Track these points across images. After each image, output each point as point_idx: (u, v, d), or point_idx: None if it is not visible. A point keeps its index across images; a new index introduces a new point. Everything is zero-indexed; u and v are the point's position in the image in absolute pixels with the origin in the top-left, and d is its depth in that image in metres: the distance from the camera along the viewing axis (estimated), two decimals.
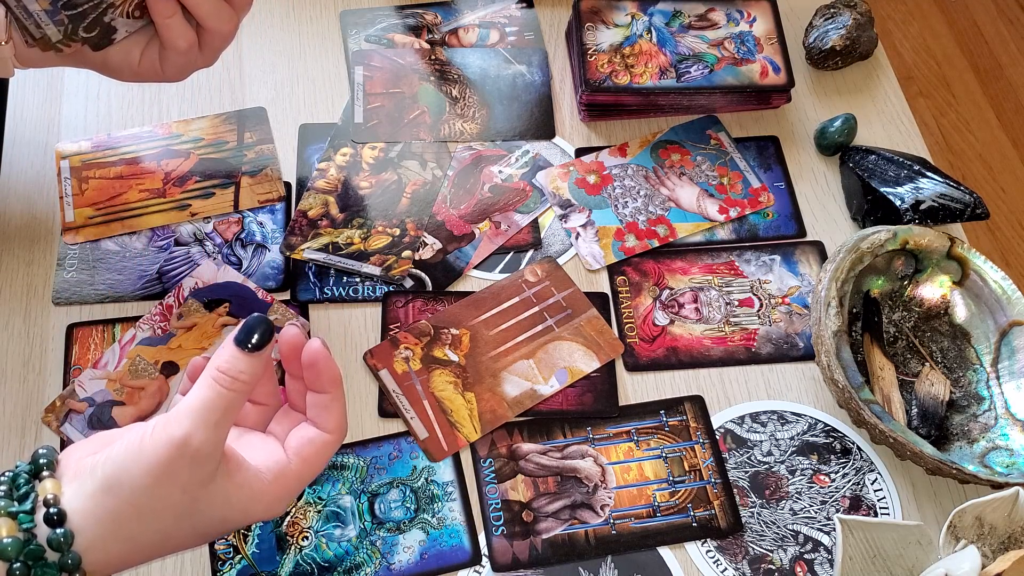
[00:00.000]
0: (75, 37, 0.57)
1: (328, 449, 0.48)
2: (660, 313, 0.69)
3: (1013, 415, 0.63)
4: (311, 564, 0.58)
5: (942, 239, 0.67)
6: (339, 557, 0.58)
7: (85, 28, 0.57)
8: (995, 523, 0.56)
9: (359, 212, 0.71)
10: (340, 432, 0.48)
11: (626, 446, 0.63)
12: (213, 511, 0.44)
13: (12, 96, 0.76)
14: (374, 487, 0.61)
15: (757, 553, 0.60)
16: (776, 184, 0.75)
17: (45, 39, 0.56)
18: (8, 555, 0.40)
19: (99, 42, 0.58)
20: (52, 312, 0.66)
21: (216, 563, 0.58)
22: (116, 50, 0.60)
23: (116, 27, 0.58)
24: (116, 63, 0.61)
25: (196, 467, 0.42)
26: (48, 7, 0.54)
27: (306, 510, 0.60)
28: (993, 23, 1.96)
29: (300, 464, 0.47)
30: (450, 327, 0.66)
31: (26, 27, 0.55)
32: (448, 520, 0.60)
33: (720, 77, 0.75)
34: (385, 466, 0.61)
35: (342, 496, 0.60)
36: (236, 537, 0.59)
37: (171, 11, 0.57)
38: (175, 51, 0.59)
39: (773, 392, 0.66)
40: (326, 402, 0.48)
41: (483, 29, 0.81)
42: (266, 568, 0.58)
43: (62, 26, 0.56)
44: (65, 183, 0.71)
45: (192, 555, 0.58)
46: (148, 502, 0.42)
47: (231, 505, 0.44)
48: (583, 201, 0.73)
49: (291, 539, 0.59)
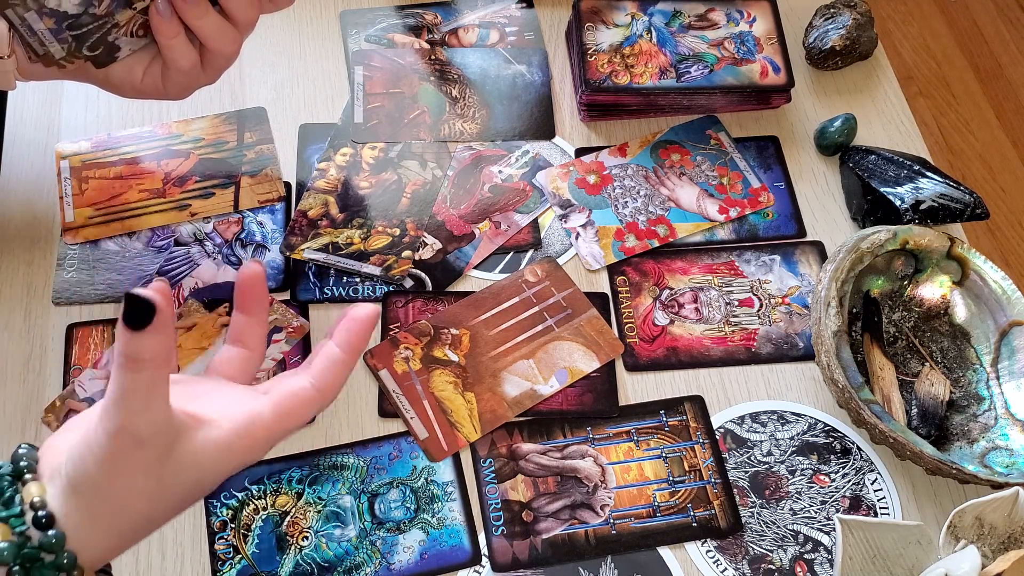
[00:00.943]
0: (78, 55, 0.57)
1: (306, 402, 0.46)
2: (660, 313, 0.69)
3: (1013, 415, 0.63)
4: (311, 564, 0.58)
5: (942, 239, 0.67)
6: (339, 557, 0.58)
7: (89, 47, 0.57)
8: (995, 523, 0.56)
9: (359, 212, 0.71)
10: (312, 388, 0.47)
11: (626, 446, 0.63)
12: (186, 476, 0.43)
13: (12, 96, 0.76)
14: (374, 487, 0.61)
15: (757, 553, 0.60)
16: (776, 184, 0.75)
17: (48, 56, 0.56)
18: (6, 559, 0.40)
19: (102, 60, 0.58)
20: (52, 312, 0.66)
21: (216, 563, 0.58)
22: (119, 67, 0.60)
23: (119, 46, 0.58)
24: (118, 80, 0.61)
25: (146, 450, 0.41)
26: (52, 26, 0.54)
27: (306, 510, 0.60)
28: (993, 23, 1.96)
29: (274, 413, 0.46)
30: (450, 327, 0.66)
31: (30, 44, 0.55)
32: (448, 520, 0.60)
33: (720, 77, 0.75)
34: (385, 466, 0.61)
35: (342, 496, 0.60)
36: (236, 537, 0.59)
37: (174, 32, 0.57)
38: (178, 71, 0.59)
39: (773, 392, 0.66)
40: (251, 324, 0.50)
41: (483, 29, 0.81)
42: (266, 568, 0.58)
43: (66, 44, 0.56)
44: (65, 183, 0.71)
45: (192, 555, 0.58)
46: (114, 495, 0.42)
47: (202, 465, 0.43)
48: (583, 201, 0.73)
49: (291, 539, 0.59)
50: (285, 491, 0.60)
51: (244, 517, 0.59)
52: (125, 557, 0.58)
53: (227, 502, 0.60)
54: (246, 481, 0.60)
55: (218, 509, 0.60)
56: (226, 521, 0.59)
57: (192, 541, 0.59)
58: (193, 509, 0.60)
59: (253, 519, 0.59)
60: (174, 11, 0.56)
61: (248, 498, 0.60)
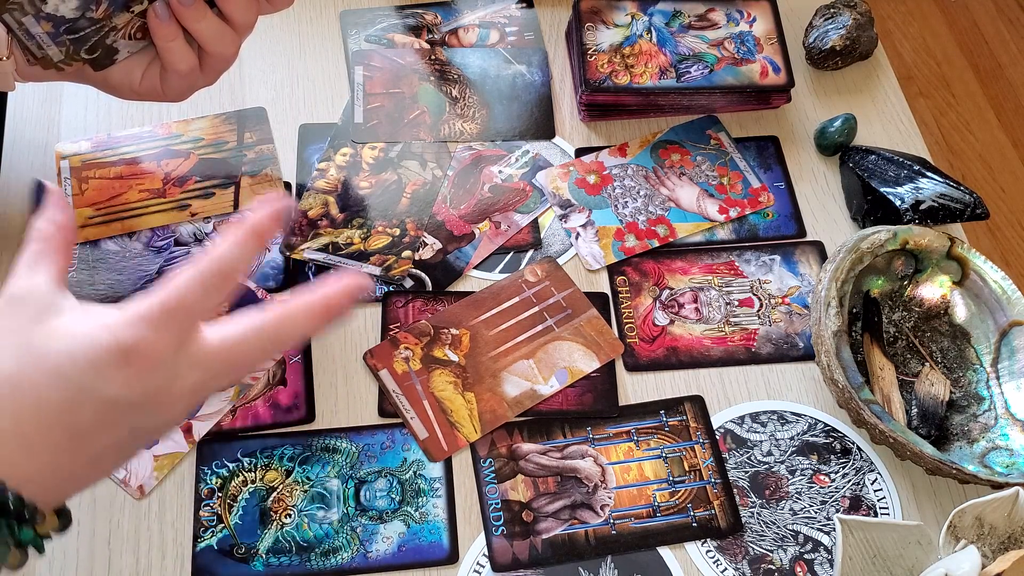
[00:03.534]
0: (77, 57, 0.57)
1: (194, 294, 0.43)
2: (660, 313, 0.69)
3: (1013, 415, 0.63)
4: (290, 542, 0.59)
5: (942, 239, 0.67)
6: (318, 539, 0.59)
7: (87, 50, 0.57)
8: (995, 523, 0.56)
9: (359, 212, 0.71)
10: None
11: (626, 446, 0.63)
12: (56, 344, 0.41)
13: (12, 96, 0.76)
14: (362, 474, 0.61)
15: (757, 553, 0.60)
16: (776, 184, 0.75)
17: (47, 59, 0.56)
18: None
19: (101, 62, 0.59)
20: None
21: (199, 529, 0.59)
22: (117, 70, 0.60)
23: (118, 48, 0.58)
24: (117, 82, 0.61)
25: (21, 308, 0.41)
26: (51, 30, 0.54)
27: (293, 488, 0.60)
28: (993, 23, 1.96)
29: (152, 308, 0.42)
30: (450, 327, 0.66)
31: (28, 47, 0.55)
32: (430, 516, 0.60)
33: (720, 77, 0.75)
34: (376, 454, 0.62)
35: (330, 479, 0.61)
36: (222, 506, 0.59)
37: (173, 35, 0.57)
38: (176, 73, 0.59)
39: (773, 392, 0.66)
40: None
41: (483, 29, 0.81)
42: (245, 540, 0.58)
43: (64, 47, 0.56)
44: (65, 183, 0.71)
45: (176, 522, 0.59)
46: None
47: (74, 336, 0.41)
48: (583, 201, 0.73)
49: (274, 515, 0.59)
50: (275, 467, 0.61)
51: (232, 487, 0.60)
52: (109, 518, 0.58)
53: (218, 471, 0.61)
54: (239, 452, 0.61)
55: (208, 476, 0.60)
56: (214, 489, 0.60)
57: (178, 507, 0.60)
58: (183, 473, 0.60)
59: (241, 490, 0.60)
60: (172, 14, 0.56)
61: (239, 469, 0.61)
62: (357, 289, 0.46)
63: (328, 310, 0.45)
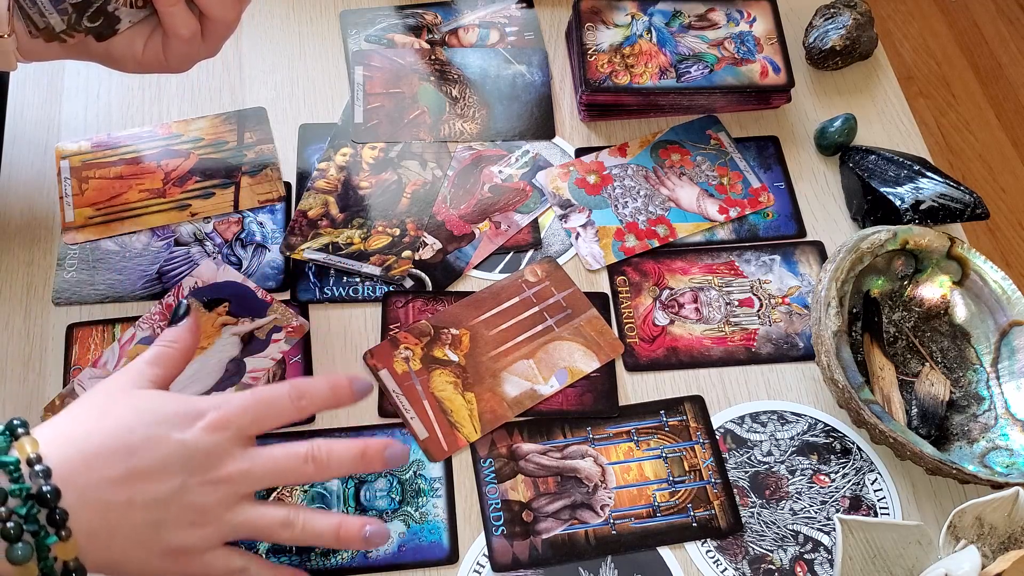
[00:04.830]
0: (79, 27, 0.57)
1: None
2: (660, 313, 0.69)
3: (1013, 415, 0.63)
4: None
5: (942, 239, 0.67)
6: None
7: (89, 17, 0.57)
8: (995, 523, 0.56)
9: (359, 212, 0.71)
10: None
11: (626, 446, 0.63)
12: (150, 395, 0.50)
13: (12, 95, 0.76)
14: (362, 474, 0.61)
15: (757, 553, 0.60)
16: (776, 184, 0.75)
17: (49, 29, 0.56)
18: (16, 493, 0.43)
19: (103, 32, 0.58)
20: (52, 312, 0.66)
21: None
22: (119, 40, 0.60)
23: (120, 17, 0.58)
24: (119, 54, 0.61)
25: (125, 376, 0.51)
26: None
27: (293, 488, 0.60)
28: (993, 23, 1.96)
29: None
30: (450, 327, 0.66)
31: (30, 16, 0.55)
32: (431, 516, 0.60)
33: (720, 77, 0.75)
34: None
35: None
36: None
37: (174, 0, 0.57)
38: (178, 40, 0.59)
39: (773, 392, 0.66)
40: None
41: (483, 29, 0.81)
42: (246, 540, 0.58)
43: (66, 15, 0.56)
44: (65, 183, 0.71)
45: None
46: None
47: (165, 395, 0.51)
48: (583, 201, 0.73)
49: None
50: None
51: None
52: None
53: None
54: None
55: None
56: None
57: None
58: None
59: None
60: None
61: None
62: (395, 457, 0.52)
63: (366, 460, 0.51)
